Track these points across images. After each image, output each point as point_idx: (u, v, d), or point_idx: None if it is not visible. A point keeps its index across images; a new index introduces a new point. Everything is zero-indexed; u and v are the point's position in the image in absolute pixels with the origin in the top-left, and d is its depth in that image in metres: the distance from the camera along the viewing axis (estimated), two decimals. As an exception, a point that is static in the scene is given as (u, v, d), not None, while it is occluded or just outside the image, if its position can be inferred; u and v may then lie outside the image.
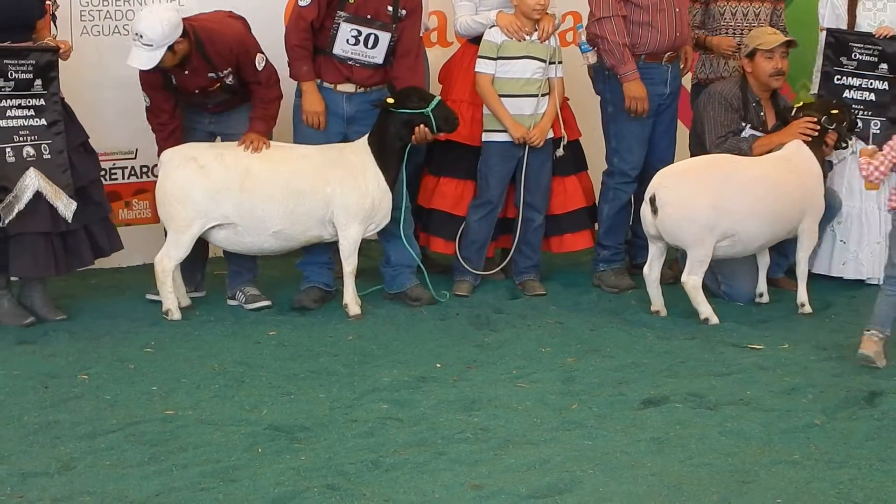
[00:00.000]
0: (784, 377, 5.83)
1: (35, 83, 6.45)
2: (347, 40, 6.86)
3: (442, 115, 6.83)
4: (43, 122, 6.48)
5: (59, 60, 6.55)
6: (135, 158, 7.85)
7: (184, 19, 6.62)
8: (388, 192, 6.84)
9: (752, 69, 7.21)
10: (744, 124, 7.20)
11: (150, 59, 6.50)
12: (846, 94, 7.49)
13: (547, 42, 7.19)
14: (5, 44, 6.37)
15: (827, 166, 7.30)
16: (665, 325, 6.71)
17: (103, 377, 5.81)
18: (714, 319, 6.71)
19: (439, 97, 6.99)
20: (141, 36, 6.45)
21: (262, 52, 6.79)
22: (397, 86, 6.92)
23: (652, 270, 6.89)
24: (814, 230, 7.02)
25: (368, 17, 6.85)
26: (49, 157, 6.46)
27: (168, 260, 6.71)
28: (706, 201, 6.65)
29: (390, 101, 6.79)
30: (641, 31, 7.20)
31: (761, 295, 7.16)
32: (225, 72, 6.72)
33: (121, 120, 7.55)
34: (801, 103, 7.33)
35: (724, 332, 6.58)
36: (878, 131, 7.48)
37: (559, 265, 7.90)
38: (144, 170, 7.85)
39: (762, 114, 7.26)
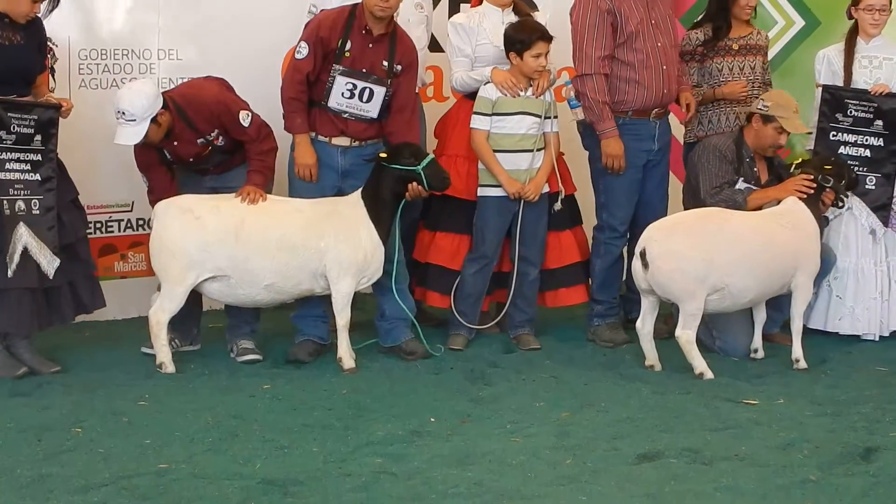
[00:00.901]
0: (779, 432, 5.81)
1: (35, 138, 6.46)
2: (342, 93, 6.89)
3: (433, 174, 6.83)
4: (37, 177, 6.48)
5: (60, 118, 6.59)
6: (131, 211, 7.88)
7: (163, 93, 6.74)
8: (380, 246, 6.85)
9: (758, 128, 7.22)
10: (737, 177, 7.23)
11: (135, 133, 6.58)
12: (842, 150, 7.54)
13: (542, 97, 7.23)
14: (10, 97, 6.41)
15: (823, 221, 7.32)
16: (660, 380, 6.70)
17: (97, 430, 5.77)
18: (709, 374, 6.69)
19: (432, 155, 7.00)
20: (123, 113, 6.56)
21: (247, 108, 6.82)
22: (392, 141, 6.95)
23: (645, 325, 6.89)
24: (808, 286, 7.01)
25: (364, 71, 6.89)
26: (38, 212, 6.45)
27: (162, 313, 6.69)
28: (696, 254, 6.65)
29: (383, 155, 6.82)
30: (629, 88, 7.24)
31: (756, 350, 7.14)
32: (212, 135, 6.76)
33: (117, 173, 7.57)
34: (800, 160, 7.36)
35: (718, 386, 6.56)
36: (872, 187, 7.55)
37: (554, 319, 7.89)
38: (140, 222, 7.88)
39: (755, 169, 7.28)
